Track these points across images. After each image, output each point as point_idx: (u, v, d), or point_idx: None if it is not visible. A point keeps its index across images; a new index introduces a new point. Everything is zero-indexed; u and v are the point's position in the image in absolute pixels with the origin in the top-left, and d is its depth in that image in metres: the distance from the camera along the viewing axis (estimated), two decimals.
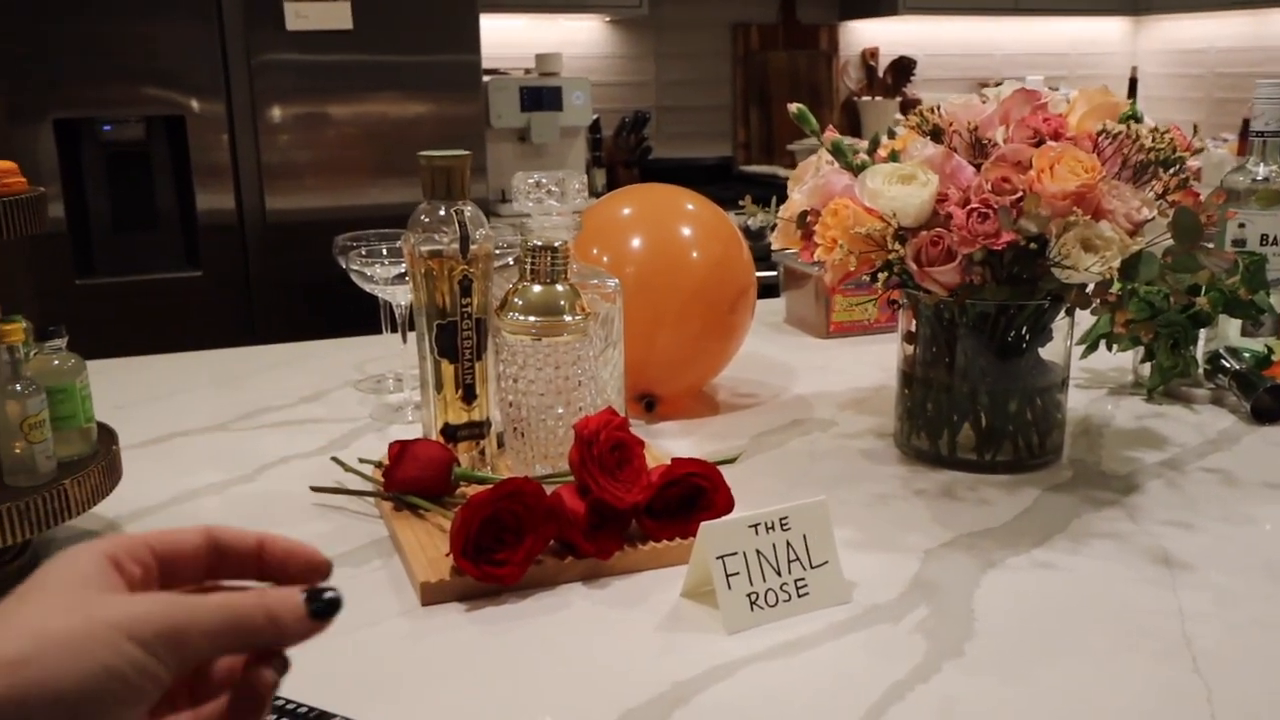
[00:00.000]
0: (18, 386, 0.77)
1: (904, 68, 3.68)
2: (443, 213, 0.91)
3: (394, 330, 1.26)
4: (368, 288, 1.22)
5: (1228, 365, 1.22)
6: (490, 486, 0.79)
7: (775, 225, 1.11)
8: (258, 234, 2.46)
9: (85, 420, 0.83)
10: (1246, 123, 3.70)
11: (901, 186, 0.93)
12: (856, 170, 0.99)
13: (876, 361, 1.41)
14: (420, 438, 0.93)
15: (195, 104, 2.34)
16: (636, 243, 1.16)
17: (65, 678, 0.35)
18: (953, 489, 1.00)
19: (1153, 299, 1.11)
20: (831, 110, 3.76)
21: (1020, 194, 0.90)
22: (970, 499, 0.97)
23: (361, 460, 1.02)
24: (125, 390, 1.31)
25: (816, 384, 1.33)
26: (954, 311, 1.02)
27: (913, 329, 1.10)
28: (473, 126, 2.58)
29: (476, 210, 0.93)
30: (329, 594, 0.41)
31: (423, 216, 0.92)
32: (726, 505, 0.85)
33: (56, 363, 0.82)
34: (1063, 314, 1.02)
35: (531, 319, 0.90)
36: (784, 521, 0.78)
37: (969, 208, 0.91)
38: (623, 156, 3.26)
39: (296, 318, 2.47)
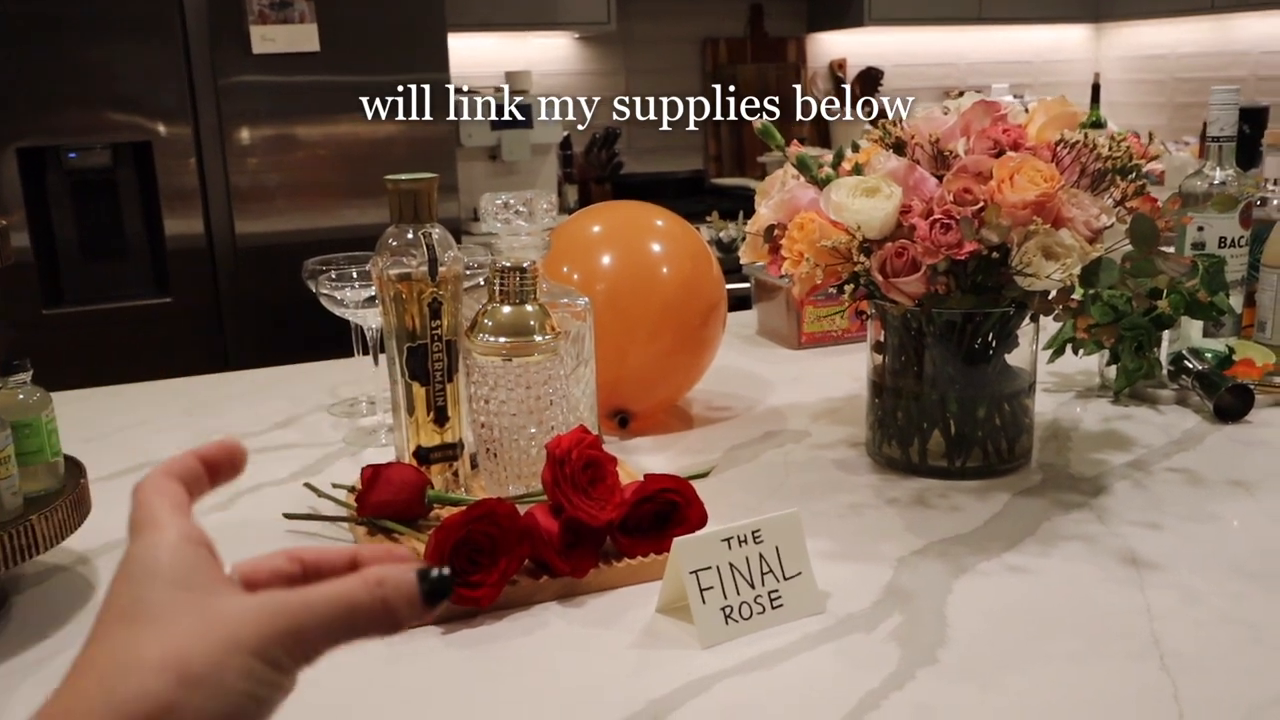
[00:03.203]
0: None
1: (871, 78, 3.72)
2: (410, 235, 0.92)
3: (365, 353, 1.26)
4: (338, 311, 1.22)
5: (1190, 366, 1.24)
6: (464, 508, 0.79)
7: (744, 239, 1.12)
8: (228, 258, 2.45)
9: (52, 455, 0.83)
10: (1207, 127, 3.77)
11: (866, 199, 0.94)
12: (821, 184, 1.00)
13: (848, 371, 1.42)
14: (393, 461, 0.93)
15: (162, 129, 2.34)
16: (606, 260, 1.16)
17: (208, 717, 0.35)
18: (924, 496, 1.01)
19: (1115, 303, 1.12)
20: (800, 123, 3.78)
21: (981, 204, 0.91)
22: (942, 506, 0.98)
23: (335, 485, 1.02)
24: (95, 421, 1.30)
25: (789, 395, 1.34)
26: (921, 321, 1.03)
27: (881, 339, 1.11)
28: (443, 146, 2.58)
29: (445, 232, 0.93)
30: (438, 572, 0.39)
31: (390, 240, 0.92)
32: (700, 520, 0.86)
33: (21, 397, 0.82)
34: (1027, 320, 1.03)
35: (502, 340, 0.91)
36: (756, 534, 0.78)
37: (932, 219, 0.92)
38: (594, 173, 3.27)
39: (268, 342, 2.46)
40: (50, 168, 2.34)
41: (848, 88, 3.73)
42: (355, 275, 1.23)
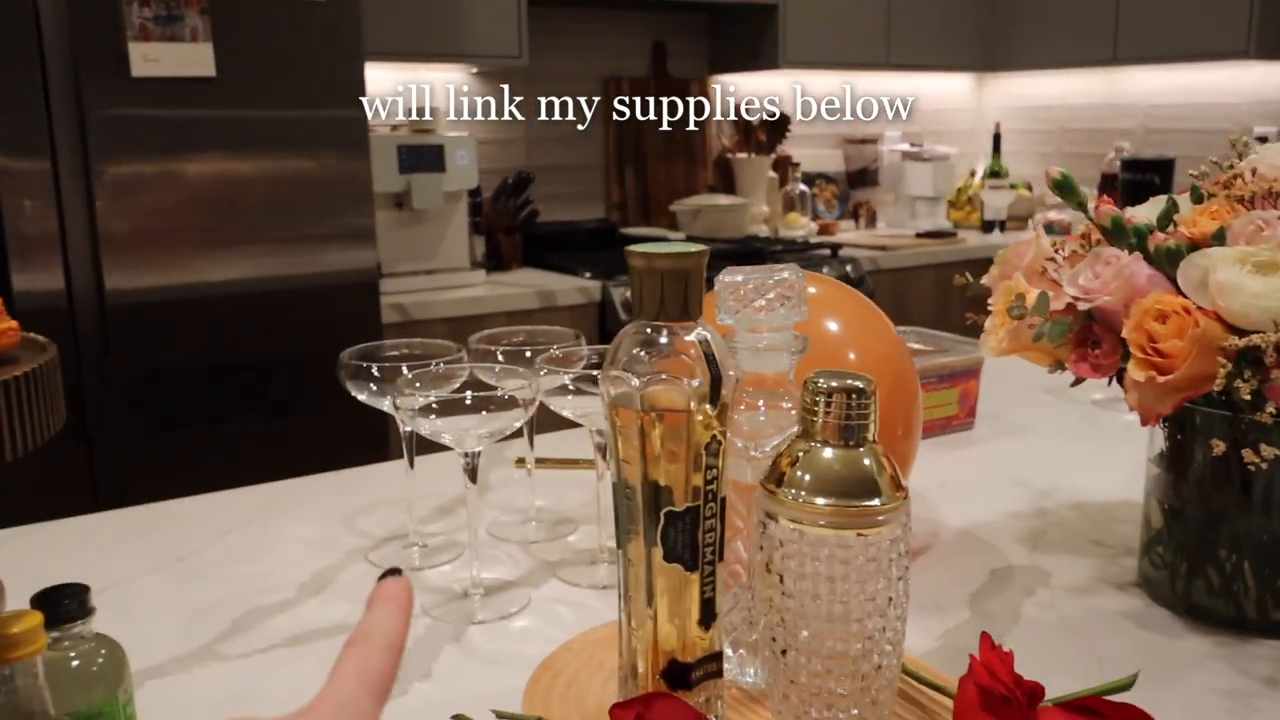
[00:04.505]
0: None
1: (779, 124, 3.55)
2: (665, 339, 0.59)
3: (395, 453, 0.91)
4: (412, 425, 0.86)
5: None
6: None
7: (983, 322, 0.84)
8: (91, 318, 1.97)
9: None
10: (1105, 177, 3.79)
11: (1263, 279, 0.68)
12: (1165, 256, 0.73)
13: (985, 467, 1.18)
14: (654, 695, 0.59)
15: (10, 163, 1.85)
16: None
17: None
18: None
19: None
20: (705, 167, 3.57)
21: None
22: None
23: (500, 715, 0.67)
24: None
25: (956, 508, 1.06)
26: (1270, 434, 0.78)
27: (1164, 450, 0.85)
28: (356, 189, 2.20)
29: (716, 334, 0.61)
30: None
31: (637, 348, 0.59)
32: None
33: (77, 663, 0.44)
34: None
35: (826, 501, 0.59)
36: None
37: None
38: (504, 222, 2.93)
39: (140, 422, 1.99)
40: None
41: (753, 132, 3.54)
42: (407, 373, 0.88)
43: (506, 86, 3.14)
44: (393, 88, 2.90)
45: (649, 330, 0.59)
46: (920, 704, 0.67)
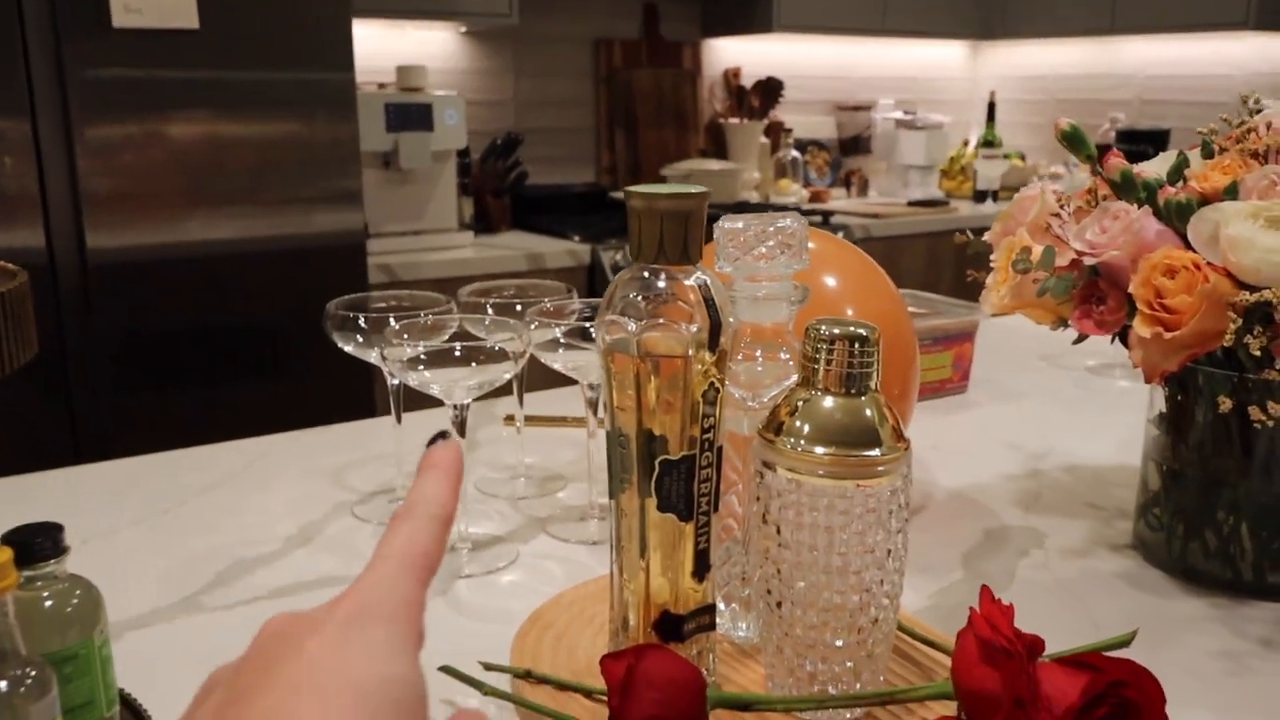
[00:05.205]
0: (6, 686, 0.38)
1: (772, 89, 3.51)
2: (663, 283, 0.57)
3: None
4: (400, 375, 0.84)
5: None
6: None
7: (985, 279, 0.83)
8: (73, 278, 1.94)
9: (109, 705, 0.44)
10: (1100, 148, 3.77)
11: (1276, 234, 0.67)
12: (1175, 211, 0.72)
13: (981, 431, 1.16)
14: (646, 646, 0.58)
15: None
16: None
17: None
18: None
19: None
20: (697, 132, 3.53)
21: None
22: None
23: (488, 667, 0.65)
24: None
25: (950, 470, 1.05)
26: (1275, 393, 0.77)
27: (1164, 410, 0.84)
28: (343, 150, 2.16)
29: (716, 279, 0.59)
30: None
31: (634, 292, 0.57)
32: None
33: (50, 603, 0.43)
34: None
35: (826, 450, 0.57)
36: None
37: None
38: (492, 184, 2.89)
39: (124, 381, 1.97)
40: None
41: (746, 97, 3.51)
42: (395, 323, 0.86)
43: (492, 47, 3.10)
44: (370, 45, 2.85)
45: (646, 274, 0.57)
46: (915, 660, 0.66)
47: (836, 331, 0.57)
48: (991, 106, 3.72)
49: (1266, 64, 3.28)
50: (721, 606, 0.70)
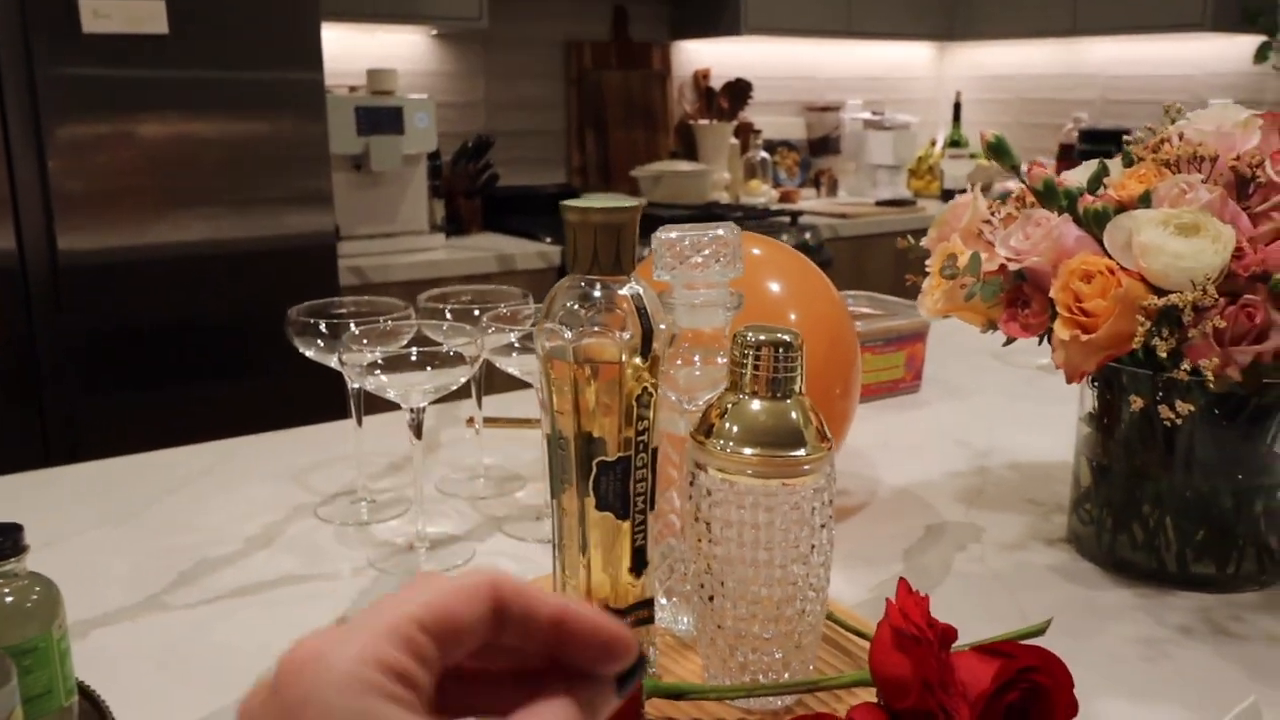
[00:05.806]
0: None
1: (740, 90, 3.55)
2: (598, 293, 0.60)
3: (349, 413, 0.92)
4: (359, 381, 0.87)
5: None
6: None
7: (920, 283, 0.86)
8: (44, 279, 1.95)
9: (66, 695, 0.47)
10: (1063, 147, 3.83)
11: (1184, 240, 0.71)
12: (1093, 218, 0.75)
13: (932, 429, 1.20)
14: None
15: None
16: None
17: None
18: (1213, 617, 0.78)
19: None
20: (667, 134, 3.56)
21: None
22: (1256, 635, 0.76)
23: None
24: None
25: (898, 468, 1.09)
26: (1188, 392, 0.80)
27: (1094, 409, 0.88)
28: (312, 151, 2.18)
29: (649, 288, 0.62)
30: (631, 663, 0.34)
31: (570, 301, 0.60)
32: (1069, 713, 0.59)
33: (11, 599, 0.45)
34: None
35: (753, 451, 0.61)
36: None
37: None
38: (463, 185, 2.91)
39: (95, 384, 1.98)
40: None
41: (715, 99, 3.54)
42: (355, 329, 0.89)
43: (462, 50, 3.12)
44: (338, 47, 2.87)
45: (583, 284, 0.60)
46: (846, 650, 0.70)
47: (762, 338, 0.61)
48: (957, 107, 3.77)
49: (1223, 63, 3.34)
50: (663, 600, 0.73)
